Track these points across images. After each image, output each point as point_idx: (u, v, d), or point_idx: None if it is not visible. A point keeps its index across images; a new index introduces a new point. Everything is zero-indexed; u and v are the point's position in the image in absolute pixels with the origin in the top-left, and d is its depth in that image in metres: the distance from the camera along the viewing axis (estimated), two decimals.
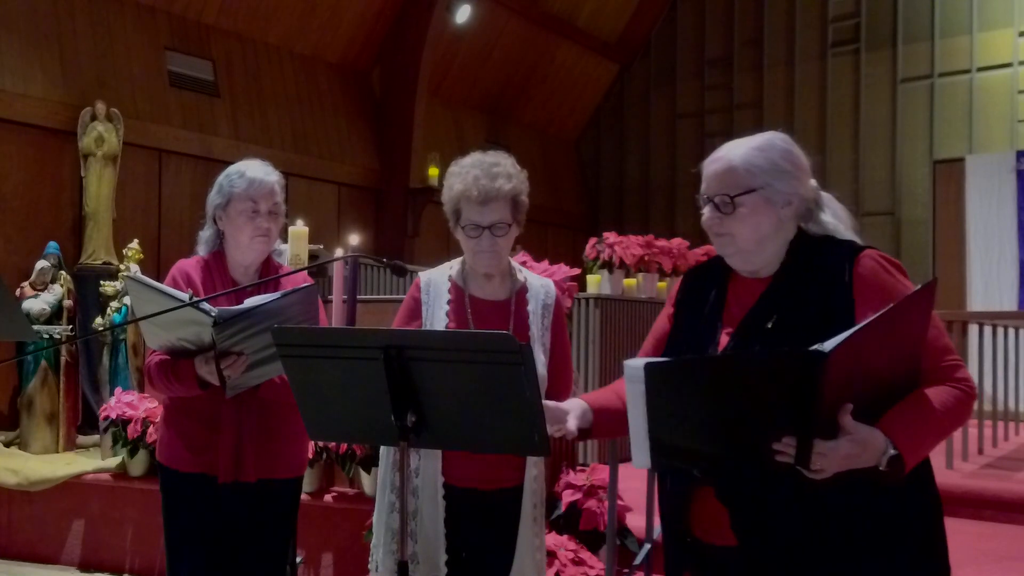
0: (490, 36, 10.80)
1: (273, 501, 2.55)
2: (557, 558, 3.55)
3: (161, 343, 2.40)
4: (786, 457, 1.53)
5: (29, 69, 6.92)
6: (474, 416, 1.78)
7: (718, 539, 1.73)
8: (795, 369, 1.50)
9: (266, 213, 2.53)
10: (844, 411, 1.53)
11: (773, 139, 1.80)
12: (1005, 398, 5.55)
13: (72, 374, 6.17)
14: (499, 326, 2.31)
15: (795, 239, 1.80)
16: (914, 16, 10.26)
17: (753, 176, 1.75)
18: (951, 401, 1.62)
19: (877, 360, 1.57)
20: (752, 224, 1.75)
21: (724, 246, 1.80)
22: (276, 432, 2.52)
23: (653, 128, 12.19)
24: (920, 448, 1.59)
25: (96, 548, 4.87)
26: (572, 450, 4.18)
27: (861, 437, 1.53)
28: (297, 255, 4.12)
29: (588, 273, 6.09)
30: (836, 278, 1.71)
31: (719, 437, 1.57)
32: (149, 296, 2.30)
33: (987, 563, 3.59)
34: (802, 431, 1.52)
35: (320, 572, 4.26)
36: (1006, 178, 7.90)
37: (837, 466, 1.53)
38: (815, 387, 1.49)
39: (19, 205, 6.84)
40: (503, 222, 2.25)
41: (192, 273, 2.57)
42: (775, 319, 1.72)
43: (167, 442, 2.58)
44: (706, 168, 1.82)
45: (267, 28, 8.90)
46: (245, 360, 2.30)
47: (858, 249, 1.77)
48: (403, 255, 9.22)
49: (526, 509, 2.29)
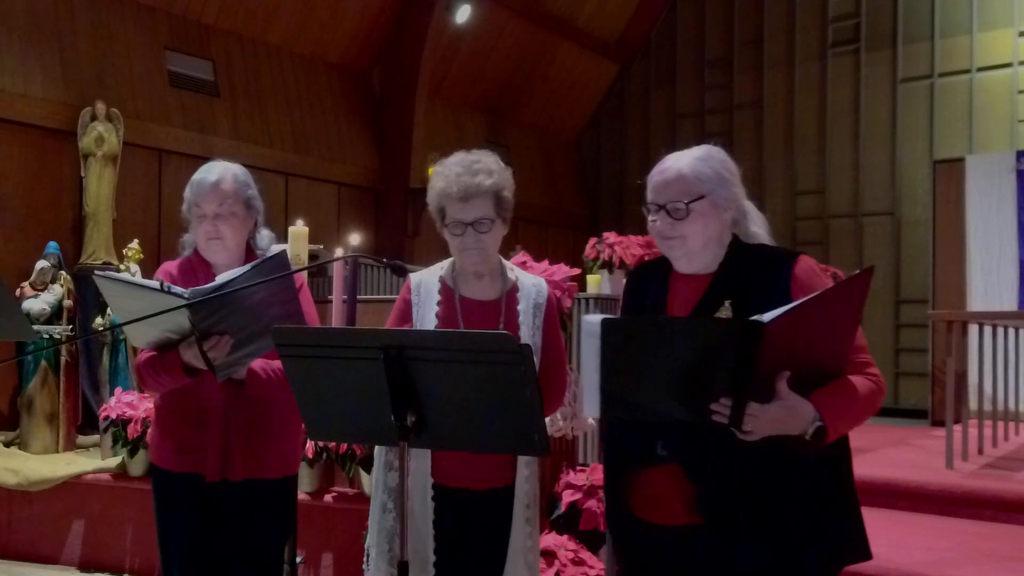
0: (490, 36, 10.80)
1: (263, 500, 2.51)
2: (557, 558, 3.55)
3: (147, 340, 2.36)
4: (721, 417, 1.69)
5: (29, 69, 6.92)
6: (474, 416, 1.78)
7: (660, 518, 1.89)
8: (736, 335, 1.65)
9: (212, 216, 2.48)
10: (781, 377, 1.70)
11: (711, 151, 1.99)
12: (1005, 398, 5.54)
13: (72, 374, 6.17)
14: (489, 325, 2.30)
15: (732, 242, 1.98)
16: (914, 16, 10.26)
17: (701, 183, 1.93)
18: (868, 391, 1.81)
19: (811, 337, 1.72)
20: (701, 227, 1.93)
21: (674, 248, 1.97)
22: (265, 431, 2.49)
23: (653, 128, 12.19)
24: (841, 425, 1.76)
25: (96, 548, 4.87)
26: (572, 450, 4.18)
27: (791, 404, 1.70)
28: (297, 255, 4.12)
29: (588, 273, 6.08)
30: (775, 278, 1.89)
31: (662, 393, 1.71)
32: (122, 291, 2.26)
33: (987, 563, 3.58)
34: (737, 394, 1.67)
35: (320, 572, 4.26)
36: (1006, 178, 7.88)
37: (767, 429, 1.70)
38: (753, 354, 1.64)
39: (19, 205, 6.84)
40: (486, 218, 2.26)
41: (175, 273, 2.53)
42: (725, 310, 1.88)
43: (158, 443, 2.56)
44: (655, 179, 1.99)
45: (267, 28, 8.90)
46: (228, 340, 2.25)
47: (794, 254, 1.95)
48: (403, 255, 9.22)
49: (518, 510, 2.28)
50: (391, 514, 2.32)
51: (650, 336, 1.69)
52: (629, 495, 1.94)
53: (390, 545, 2.31)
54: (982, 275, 7.85)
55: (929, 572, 3.39)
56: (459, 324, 2.31)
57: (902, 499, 4.38)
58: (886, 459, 5.29)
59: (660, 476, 1.87)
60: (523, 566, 2.29)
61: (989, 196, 7.90)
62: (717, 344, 1.66)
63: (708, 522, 1.82)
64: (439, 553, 2.25)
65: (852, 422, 1.80)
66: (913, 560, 3.41)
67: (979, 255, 7.88)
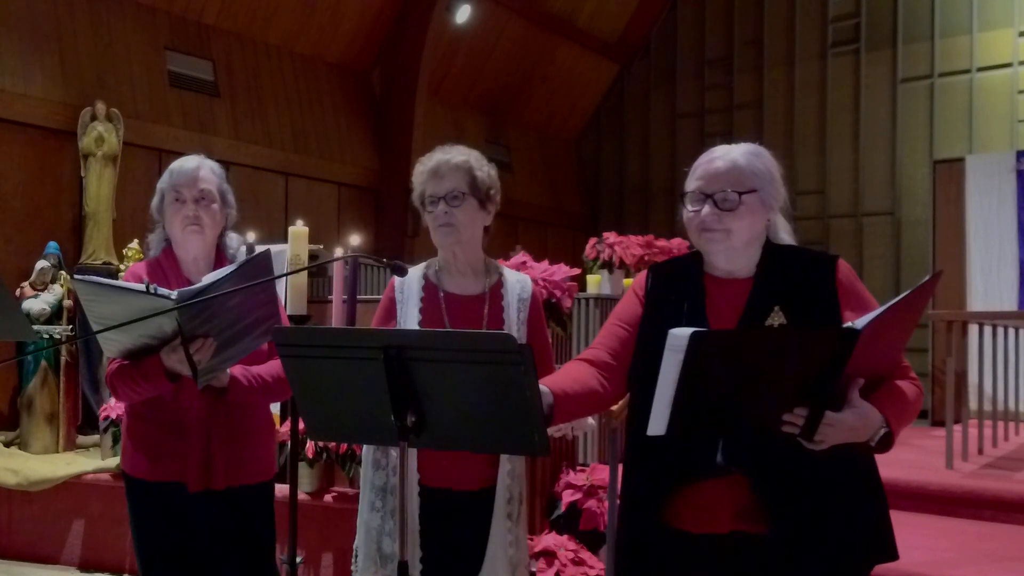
0: (490, 36, 10.80)
1: (245, 507, 2.47)
2: (557, 558, 3.55)
3: (119, 349, 2.26)
4: (792, 427, 1.66)
5: (29, 69, 6.92)
6: (474, 416, 1.78)
7: (702, 527, 1.83)
8: (832, 344, 1.61)
9: (192, 200, 2.43)
10: (855, 385, 1.67)
11: (760, 148, 1.92)
12: (1005, 398, 5.54)
13: (72, 374, 6.17)
14: (473, 321, 2.32)
15: (765, 244, 1.91)
16: (914, 16, 10.26)
17: (756, 177, 1.85)
18: (915, 396, 1.81)
19: (883, 343, 1.69)
20: (748, 223, 1.85)
21: (715, 243, 1.87)
22: (244, 436, 2.45)
23: (653, 128, 12.19)
24: (900, 430, 1.75)
25: (96, 548, 4.87)
26: (572, 450, 4.18)
27: (864, 411, 1.67)
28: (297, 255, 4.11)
29: (588, 273, 6.08)
30: (821, 282, 1.85)
31: (738, 406, 1.65)
32: (102, 295, 2.13)
33: (987, 563, 3.59)
34: (817, 403, 1.64)
35: (320, 572, 4.26)
36: (1006, 178, 7.88)
37: (839, 438, 1.66)
38: (841, 362, 1.61)
39: (19, 205, 6.84)
40: (458, 190, 2.29)
41: (143, 275, 2.46)
42: (777, 316, 1.81)
43: (131, 452, 2.48)
44: (704, 166, 1.89)
45: (267, 28, 8.90)
46: (212, 343, 2.19)
47: (833, 257, 1.91)
48: (403, 255, 9.22)
49: (498, 505, 2.29)
50: (379, 513, 2.33)
51: (743, 349, 1.62)
52: (666, 505, 1.86)
53: (378, 544, 2.32)
54: (982, 275, 7.85)
55: (929, 572, 3.39)
56: (443, 319, 2.32)
57: (902, 499, 4.37)
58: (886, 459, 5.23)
59: (711, 485, 1.81)
60: (503, 560, 2.28)
61: (989, 196, 7.89)
62: (812, 354, 1.62)
63: (774, 530, 1.76)
64: (425, 551, 2.26)
65: (904, 426, 1.78)
66: (913, 560, 3.41)
67: (979, 255, 7.87)
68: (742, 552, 1.81)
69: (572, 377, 1.94)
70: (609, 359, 1.99)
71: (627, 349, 1.98)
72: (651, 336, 1.87)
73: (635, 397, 1.95)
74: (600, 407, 2.04)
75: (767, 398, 1.65)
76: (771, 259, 1.89)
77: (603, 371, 1.97)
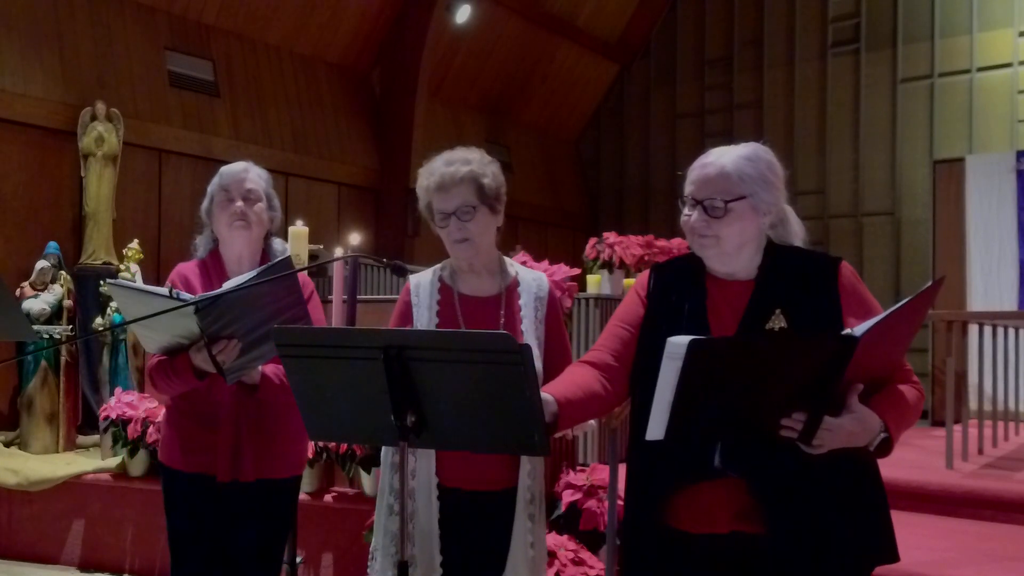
0: (490, 36, 10.80)
1: (272, 500, 2.57)
2: (557, 558, 3.55)
3: (158, 345, 2.42)
4: (791, 432, 1.66)
5: (29, 69, 6.92)
6: (474, 416, 1.78)
7: (700, 527, 1.83)
8: (831, 350, 1.62)
9: (239, 198, 2.56)
10: (854, 390, 1.67)
11: (758, 150, 1.90)
12: (1005, 398, 5.54)
13: (72, 374, 6.17)
14: (489, 322, 2.30)
15: (767, 246, 1.91)
16: (914, 16, 10.26)
17: (744, 183, 1.84)
18: (915, 399, 1.81)
19: (883, 349, 1.70)
20: (738, 229, 1.85)
21: (706, 248, 1.88)
22: (274, 432, 2.54)
23: (653, 128, 12.19)
24: (900, 434, 1.76)
25: (96, 548, 4.87)
26: (572, 450, 4.18)
27: (862, 416, 1.68)
28: (297, 255, 4.12)
29: (588, 273, 6.08)
30: (823, 285, 1.85)
31: (736, 412, 1.66)
32: (133, 298, 2.32)
33: (987, 563, 3.59)
34: (815, 408, 1.65)
35: (320, 572, 4.26)
36: (1006, 178, 7.88)
37: (838, 442, 1.67)
38: (840, 368, 1.62)
39: (19, 205, 6.84)
40: (467, 205, 2.25)
41: (189, 275, 2.59)
42: (778, 319, 1.82)
43: (168, 443, 2.61)
44: (695, 172, 1.90)
45: (267, 28, 8.90)
46: (236, 344, 2.30)
47: (836, 259, 1.91)
48: (403, 255, 9.22)
49: (520, 506, 2.28)
50: (398, 516, 2.31)
51: (740, 357, 1.62)
52: (665, 505, 1.87)
53: (396, 548, 2.31)
54: (982, 275, 7.85)
55: (929, 572, 3.39)
56: (459, 321, 2.31)
57: (902, 499, 4.37)
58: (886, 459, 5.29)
59: (710, 487, 1.82)
60: (523, 561, 2.28)
61: (989, 196, 7.89)
62: (810, 361, 1.63)
63: (771, 531, 1.77)
64: (445, 553, 2.25)
65: (904, 431, 1.78)
66: (913, 560, 3.41)
67: (979, 255, 7.87)
68: (742, 552, 1.82)
69: (575, 382, 1.94)
70: (611, 361, 1.99)
71: (629, 350, 1.98)
72: (652, 338, 1.87)
73: (636, 399, 1.95)
74: (604, 410, 2.03)
75: (765, 404, 1.65)
76: (773, 261, 1.89)
77: (606, 373, 1.97)
